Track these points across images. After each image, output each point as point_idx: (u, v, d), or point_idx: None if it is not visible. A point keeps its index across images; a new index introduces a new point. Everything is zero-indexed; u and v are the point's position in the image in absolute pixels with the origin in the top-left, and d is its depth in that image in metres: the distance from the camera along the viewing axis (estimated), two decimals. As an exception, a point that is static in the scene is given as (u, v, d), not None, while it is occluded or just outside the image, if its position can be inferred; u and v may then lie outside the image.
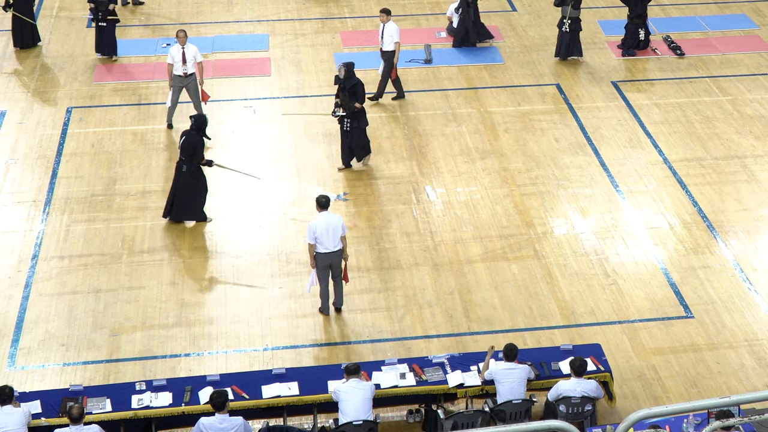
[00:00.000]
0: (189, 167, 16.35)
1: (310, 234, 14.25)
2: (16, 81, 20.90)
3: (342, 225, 14.34)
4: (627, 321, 14.84)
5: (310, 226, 14.29)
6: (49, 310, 14.90)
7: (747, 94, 20.54)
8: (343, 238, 14.41)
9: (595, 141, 19.04)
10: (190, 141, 16.29)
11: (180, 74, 18.79)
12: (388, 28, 19.69)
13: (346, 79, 17.58)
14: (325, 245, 14.27)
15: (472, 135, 19.20)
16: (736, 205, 17.32)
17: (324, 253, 14.32)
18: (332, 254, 14.35)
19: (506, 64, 21.73)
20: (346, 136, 17.78)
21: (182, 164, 16.38)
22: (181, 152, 16.38)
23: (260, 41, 22.63)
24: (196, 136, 16.38)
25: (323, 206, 14.33)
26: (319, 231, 14.21)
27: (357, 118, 17.65)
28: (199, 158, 16.37)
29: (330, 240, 14.26)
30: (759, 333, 14.65)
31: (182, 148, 16.33)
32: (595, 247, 16.29)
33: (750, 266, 15.93)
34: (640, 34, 21.95)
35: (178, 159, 16.50)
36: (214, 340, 14.44)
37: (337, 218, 14.37)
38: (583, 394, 12.37)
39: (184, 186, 16.45)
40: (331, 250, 14.32)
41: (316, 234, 14.22)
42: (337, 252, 14.37)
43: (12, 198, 17.32)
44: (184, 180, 16.40)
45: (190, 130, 16.44)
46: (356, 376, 12.23)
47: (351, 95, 17.51)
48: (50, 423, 12.05)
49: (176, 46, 18.81)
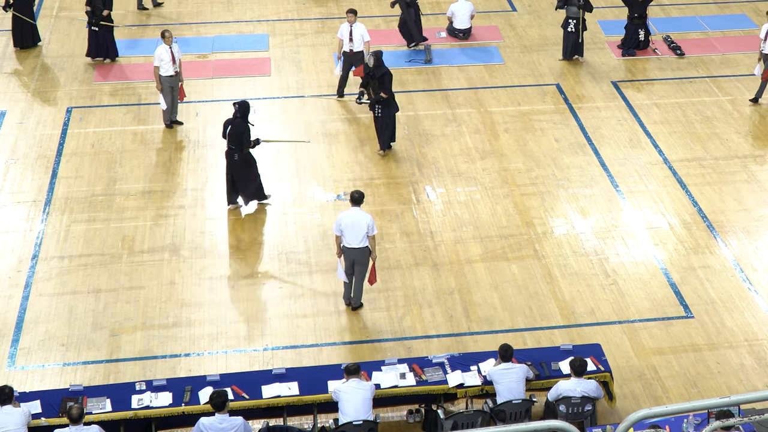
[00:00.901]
0: (240, 154, 16.55)
1: (336, 225, 14.50)
2: (16, 81, 20.91)
3: (368, 224, 14.38)
4: (627, 321, 14.84)
5: (338, 217, 14.57)
6: (49, 310, 14.91)
7: (747, 94, 20.53)
8: (372, 239, 14.46)
9: (595, 141, 19.04)
10: (237, 129, 16.45)
11: (171, 74, 18.75)
12: (357, 29, 19.81)
13: (376, 67, 17.97)
14: (348, 240, 14.43)
15: (472, 135, 19.20)
16: (736, 205, 17.32)
17: (347, 248, 14.49)
18: (355, 250, 14.45)
19: (506, 64, 21.73)
20: (377, 121, 18.22)
21: (233, 153, 16.56)
22: (229, 141, 16.55)
23: (260, 41, 22.64)
24: (242, 123, 16.52)
25: (355, 202, 14.53)
26: (343, 224, 14.41)
27: (388, 105, 18.07)
28: (247, 144, 16.59)
29: (353, 236, 14.39)
30: (759, 333, 14.65)
31: (230, 136, 16.50)
32: (595, 247, 16.29)
33: (750, 266, 15.93)
34: (640, 35, 21.96)
35: (227, 148, 16.64)
36: (214, 340, 14.44)
37: (365, 216, 14.43)
38: (583, 394, 12.37)
39: (240, 172, 16.74)
40: (353, 246, 14.44)
41: (341, 227, 14.43)
42: (360, 249, 14.44)
43: (12, 198, 17.32)
44: (238, 166, 16.66)
45: (234, 117, 16.58)
46: (356, 376, 12.23)
47: (380, 83, 17.88)
48: (50, 423, 12.05)
49: (163, 47, 18.65)
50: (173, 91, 18.96)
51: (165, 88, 18.79)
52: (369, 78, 18.12)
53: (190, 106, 20.00)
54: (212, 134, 19.10)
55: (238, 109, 16.54)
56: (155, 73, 18.76)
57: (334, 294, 15.23)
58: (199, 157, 18.44)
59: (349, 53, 19.95)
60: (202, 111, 19.90)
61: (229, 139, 16.51)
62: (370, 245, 14.49)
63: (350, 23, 19.87)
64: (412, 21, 22.07)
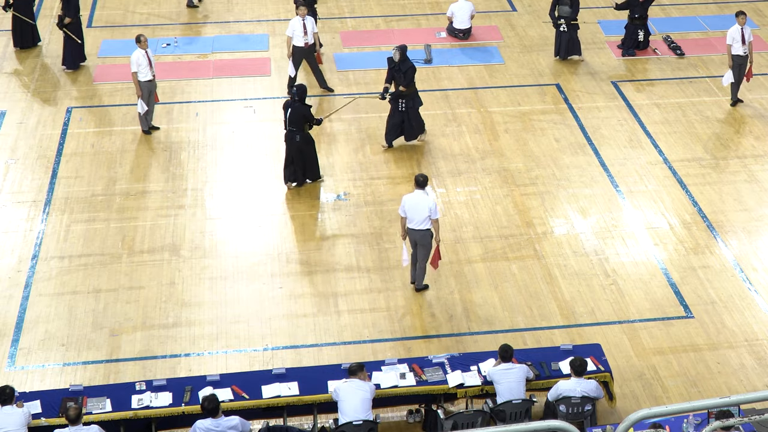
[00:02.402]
0: (302, 135, 17.10)
1: (401, 207, 14.88)
2: (16, 81, 20.91)
3: (430, 207, 14.69)
4: (627, 321, 14.84)
5: (402, 200, 14.91)
6: (49, 310, 14.90)
7: (747, 94, 20.53)
8: (435, 222, 14.75)
9: (595, 141, 19.04)
10: (298, 112, 16.98)
11: (149, 79, 18.65)
12: (309, 22, 19.90)
13: (401, 61, 18.20)
14: (411, 222, 14.80)
15: (472, 135, 19.20)
16: (736, 205, 17.32)
17: (411, 229, 14.86)
18: (416, 232, 14.81)
19: (506, 64, 21.73)
20: (401, 115, 18.39)
21: (294, 135, 17.12)
22: (290, 124, 17.06)
23: (260, 41, 22.64)
24: (302, 106, 17.05)
25: (419, 185, 14.83)
26: (407, 206, 14.75)
27: (412, 98, 18.38)
28: (312, 123, 17.17)
29: (415, 218, 14.75)
30: (759, 333, 14.65)
31: (291, 120, 17.01)
32: (595, 247, 16.29)
33: (750, 266, 15.93)
34: (640, 35, 21.96)
35: (288, 130, 17.14)
36: (214, 340, 14.44)
37: (427, 200, 14.77)
38: (583, 394, 12.37)
39: (301, 153, 17.29)
40: (415, 228, 14.79)
41: (405, 208, 14.77)
42: (422, 231, 14.79)
43: (12, 198, 17.32)
44: (299, 147, 17.21)
45: (293, 101, 17.04)
46: (358, 376, 12.22)
47: (405, 77, 18.14)
48: (50, 423, 12.05)
49: (140, 52, 18.46)
50: (150, 95, 18.87)
51: (144, 94, 18.64)
52: (394, 72, 18.29)
53: (190, 106, 20.00)
54: (212, 134, 19.12)
55: (296, 92, 17.08)
56: (134, 78, 18.59)
57: (333, 294, 15.24)
58: (199, 157, 18.45)
59: (305, 47, 19.91)
60: (202, 111, 19.90)
61: (290, 122, 17.06)
62: (432, 228, 14.78)
63: (302, 17, 19.82)
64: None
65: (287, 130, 17.19)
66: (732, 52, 19.77)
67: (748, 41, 19.75)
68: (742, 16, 19.80)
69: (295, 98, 17.04)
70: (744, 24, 19.75)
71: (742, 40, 19.73)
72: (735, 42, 19.74)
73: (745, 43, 19.73)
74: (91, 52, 21.88)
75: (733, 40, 19.76)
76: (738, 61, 19.79)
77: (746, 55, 19.77)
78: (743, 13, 19.88)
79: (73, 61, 21.15)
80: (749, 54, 19.78)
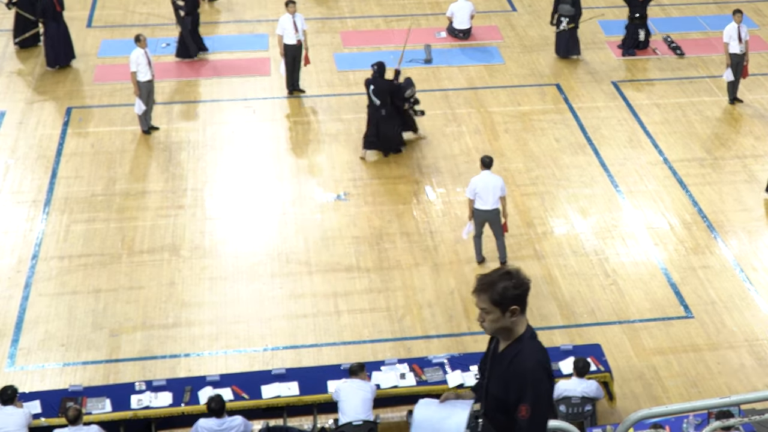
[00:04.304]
0: (387, 108, 17.79)
1: (470, 189, 15.18)
2: (17, 81, 20.90)
3: (502, 186, 15.14)
4: (627, 321, 14.84)
5: (471, 181, 15.24)
6: (49, 310, 14.90)
7: (747, 94, 20.53)
8: (503, 199, 15.16)
9: (595, 141, 19.03)
10: (381, 87, 17.77)
11: (148, 79, 18.64)
12: (299, 19, 19.92)
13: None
14: (482, 202, 15.08)
15: (472, 135, 19.20)
16: (736, 205, 17.32)
17: (481, 210, 15.13)
18: (488, 212, 15.17)
19: (506, 64, 21.73)
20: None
21: (380, 108, 17.83)
22: (376, 98, 17.76)
23: (260, 41, 22.64)
24: (384, 81, 17.81)
25: (486, 165, 15.26)
26: (479, 188, 15.08)
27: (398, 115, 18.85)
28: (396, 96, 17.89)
29: (488, 198, 15.05)
30: (759, 333, 14.64)
31: (377, 94, 17.75)
32: (595, 247, 16.29)
33: (750, 266, 15.92)
34: (640, 35, 21.96)
35: (372, 105, 17.89)
36: (214, 340, 14.44)
37: (497, 179, 15.19)
38: (583, 394, 12.37)
39: (386, 125, 18.02)
40: (487, 208, 15.14)
41: (476, 190, 15.07)
42: (494, 211, 15.16)
43: (12, 198, 17.32)
44: (385, 120, 17.97)
45: (374, 78, 17.76)
46: (358, 376, 12.23)
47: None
48: (50, 423, 12.06)
49: (139, 52, 18.44)
50: (150, 95, 18.86)
51: (143, 93, 18.62)
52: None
53: (190, 106, 20.01)
54: (212, 134, 19.12)
55: (377, 69, 17.73)
56: (133, 78, 18.56)
57: (334, 294, 15.24)
58: (199, 157, 18.44)
59: (296, 44, 19.91)
60: (202, 111, 19.90)
61: (376, 97, 17.73)
62: (501, 205, 15.16)
63: (291, 14, 19.82)
64: (188, 31, 21.36)
65: (371, 105, 17.86)
66: (729, 51, 19.78)
67: (744, 39, 19.75)
68: (738, 14, 19.80)
69: (376, 74, 17.66)
70: (741, 22, 19.76)
71: (738, 39, 19.73)
72: (732, 40, 19.75)
73: (742, 41, 19.73)
74: (91, 52, 21.87)
75: (729, 38, 19.77)
76: (735, 59, 19.79)
77: (743, 53, 19.77)
78: (740, 12, 19.89)
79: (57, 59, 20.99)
80: (746, 52, 19.78)
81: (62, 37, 21.02)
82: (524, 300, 6.37)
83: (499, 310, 6.25)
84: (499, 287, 6.21)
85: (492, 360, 6.45)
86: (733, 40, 19.74)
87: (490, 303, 6.23)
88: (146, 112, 18.85)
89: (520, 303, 6.34)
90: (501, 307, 6.24)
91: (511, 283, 6.27)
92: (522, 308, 6.36)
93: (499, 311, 6.25)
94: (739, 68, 19.91)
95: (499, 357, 6.38)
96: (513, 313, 6.30)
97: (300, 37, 19.90)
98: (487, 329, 6.36)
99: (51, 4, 20.75)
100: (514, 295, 6.27)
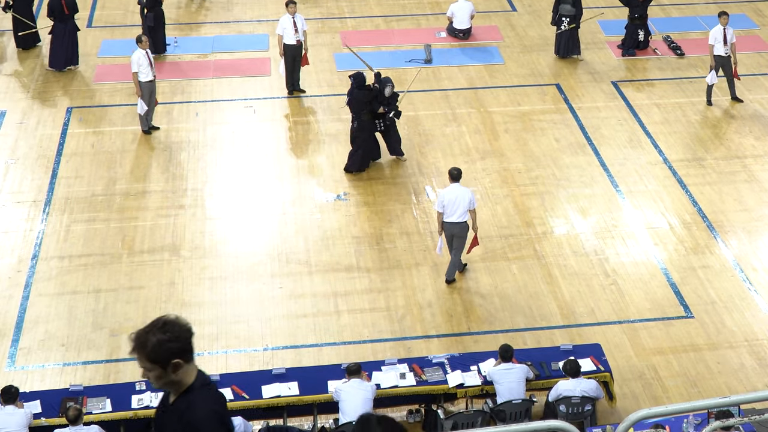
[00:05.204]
0: (358, 122, 17.75)
1: (438, 203, 14.98)
2: (17, 81, 20.90)
3: (471, 199, 14.88)
4: (627, 321, 14.84)
5: (439, 195, 15.11)
6: (49, 310, 14.90)
7: (747, 94, 20.53)
8: (472, 212, 14.91)
9: (595, 141, 19.04)
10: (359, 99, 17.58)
11: (150, 79, 18.64)
12: (299, 19, 19.93)
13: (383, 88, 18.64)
14: (450, 215, 14.85)
15: (472, 135, 19.20)
16: (736, 205, 17.32)
17: (448, 223, 14.91)
18: (456, 225, 14.93)
19: (506, 64, 21.73)
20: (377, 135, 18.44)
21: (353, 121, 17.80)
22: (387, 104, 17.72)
23: (260, 41, 22.64)
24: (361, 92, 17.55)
25: (455, 178, 15.00)
26: (446, 201, 14.83)
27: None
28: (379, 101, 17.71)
29: (455, 211, 14.83)
30: (759, 333, 14.64)
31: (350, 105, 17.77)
32: (595, 247, 16.29)
33: (750, 266, 15.92)
34: (640, 35, 21.96)
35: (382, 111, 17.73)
36: (214, 340, 14.44)
37: (466, 191, 14.92)
38: (583, 394, 12.38)
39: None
40: (454, 221, 14.87)
41: (444, 203, 14.83)
42: (461, 224, 14.92)
43: (12, 198, 17.32)
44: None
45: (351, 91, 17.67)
46: (357, 377, 12.23)
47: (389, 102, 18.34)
48: (50, 423, 12.06)
49: (140, 52, 18.46)
50: (151, 96, 18.86)
51: (145, 94, 18.62)
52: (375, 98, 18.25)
53: (190, 106, 20.01)
54: (212, 134, 19.12)
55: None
56: (134, 79, 18.57)
57: (333, 294, 15.24)
58: (199, 157, 18.45)
59: (296, 44, 19.92)
60: (202, 111, 19.90)
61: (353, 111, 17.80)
62: (471, 218, 14.91)
63: (291, 14, 19.84)
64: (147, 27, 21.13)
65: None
66: (714, 53, 19.79)
67: (730, 42, 19.75)
68: (724, 17, 19.81)
69: (353, 87, 17.54)
70: (726, 24, 19.77)
71: (723, 41, 19.73)
72: (717, 42, 19.76)
73: (727, 43, 19.74)
74: (91, 52, 21.88)
75: (715, 40, 19.79)
76: (720, 61, 19.82)
77: (728, 55, 19.78)
78: (725, 14, 19.90)
79: (57, 61, 21.01)
80: (732, 54, 19.78)
81: (68, 41, 20.98)
82: (187, 351, 5.82)
83: (159, 367, 5.78)
84: (151, 344, 5.74)
85: (164, 413, 6.06)
86: (718, 42, 19.75)
87: (147, 361, 5.79)
88: (148, 113, 18.86)
89: (182, 355, 5.79)
90: (160, 364, 5.77)
91: (166, 336, 5.75)
92: (186, 359, 5.82)
93: (159, 368, 5.79)
94: (726, 70, 19.94)
95: (171, 410, 5.97)
96: (176, 367, 5.81)
97: (300, 38, 19.92)
98: (154, 386, 5.95)
99: (59, 5, 20.75)
100: (173, 348, 5.75)
